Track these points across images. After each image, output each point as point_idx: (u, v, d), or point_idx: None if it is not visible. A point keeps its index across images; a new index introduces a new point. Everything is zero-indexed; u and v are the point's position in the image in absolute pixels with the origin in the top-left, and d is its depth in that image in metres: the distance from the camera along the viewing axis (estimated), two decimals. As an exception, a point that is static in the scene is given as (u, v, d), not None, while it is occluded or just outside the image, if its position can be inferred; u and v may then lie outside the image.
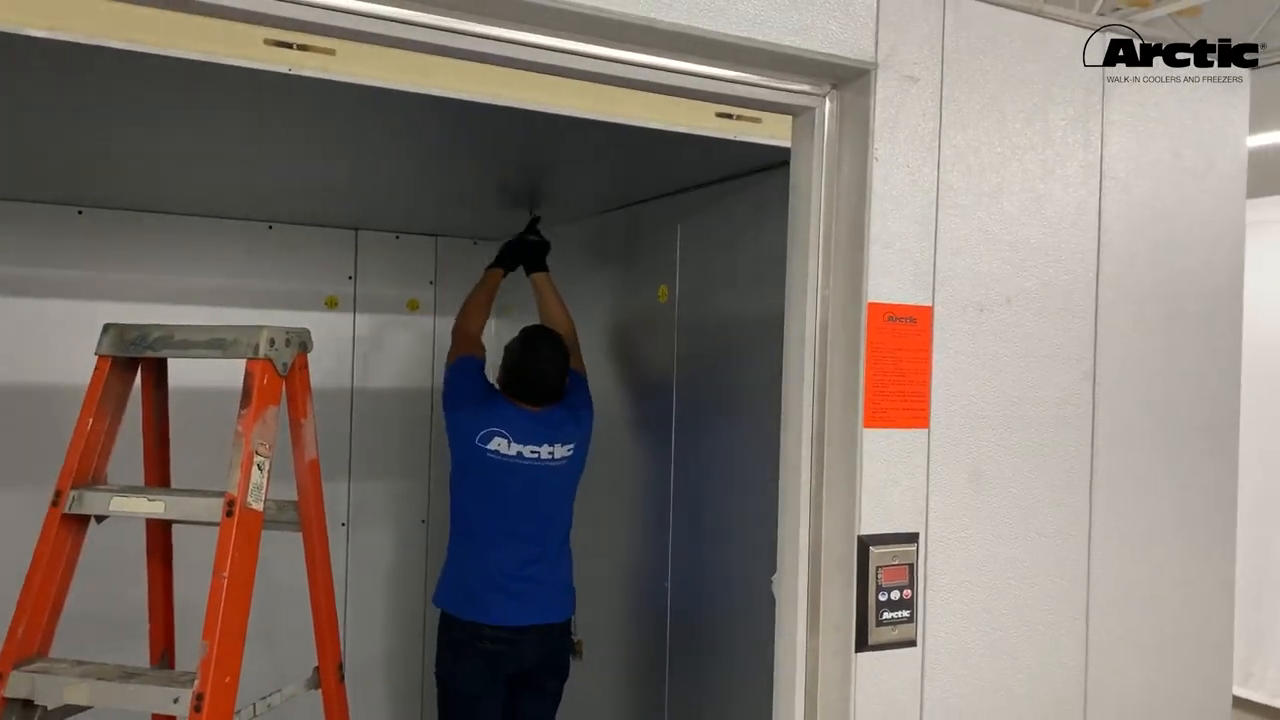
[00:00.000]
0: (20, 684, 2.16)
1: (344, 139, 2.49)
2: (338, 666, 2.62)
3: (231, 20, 1.52)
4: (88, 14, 1.67)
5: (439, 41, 1.53)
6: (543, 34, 1.57)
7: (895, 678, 1.75)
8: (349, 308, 4.05)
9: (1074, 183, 1.92)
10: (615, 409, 3.31)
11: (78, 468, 2.28)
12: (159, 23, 1.68)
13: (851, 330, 1.76)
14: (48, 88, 2.04)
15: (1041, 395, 1.89)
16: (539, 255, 3.36)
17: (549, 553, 2.96)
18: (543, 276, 3.34)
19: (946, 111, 1.79)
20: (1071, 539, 1.93)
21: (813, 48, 1.69)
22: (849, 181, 1.78)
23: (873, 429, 1.73)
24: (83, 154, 2.77)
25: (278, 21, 1.47)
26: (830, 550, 1.78)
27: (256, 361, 2.29)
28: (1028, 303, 1.87)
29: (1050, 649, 1.91)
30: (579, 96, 2.05)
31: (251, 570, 2.22)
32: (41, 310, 3.46)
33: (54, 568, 2.25)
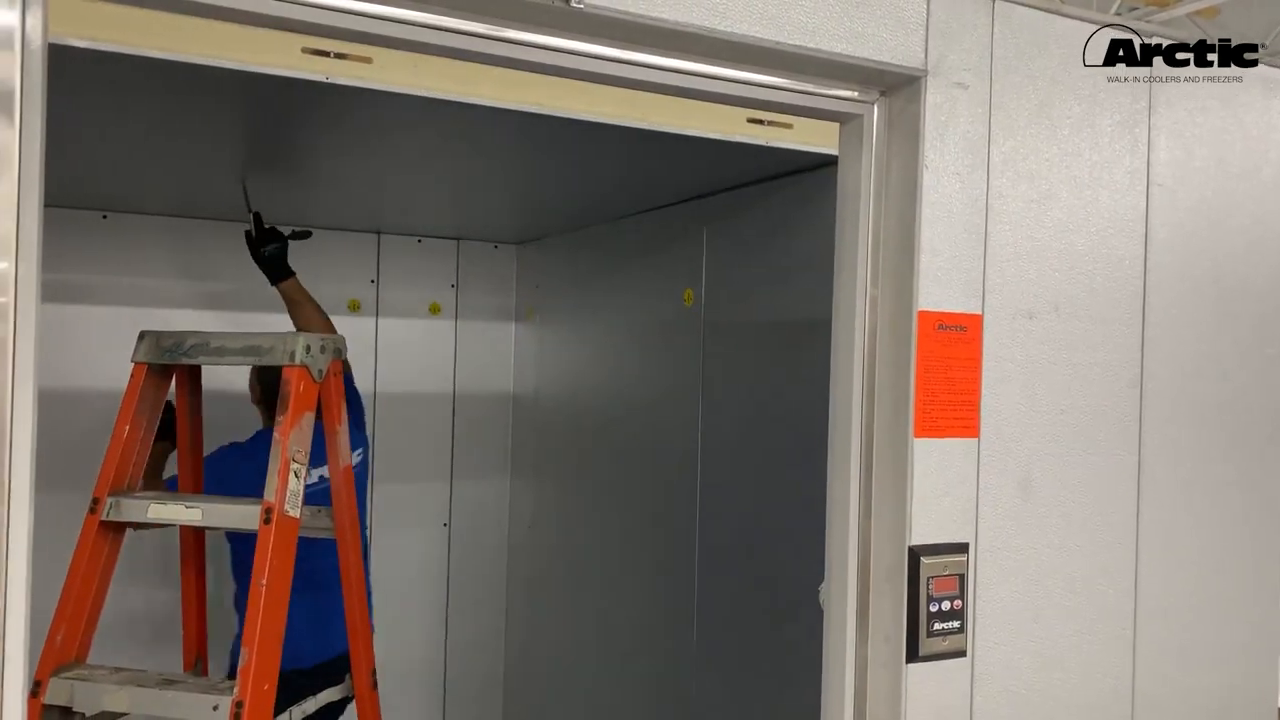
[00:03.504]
0: (59, 691, 2.15)
1: (373, 146, 2.48)
2: (371, 672, 2.61)
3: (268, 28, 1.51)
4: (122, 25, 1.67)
5: (471, 48, 1.51)
6: (596, 43, 1.56)
7: (946, 689, 1.74)
8: (371, 312, 4.05)
9: (1121, 188, 1.91)
10: (640, 412, 3.30)
11: (114, 475, 2.28)
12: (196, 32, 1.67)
13: (901, 339, 1.75)
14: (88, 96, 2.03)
15: (1089, 403, 1.88)
16: (282, 259, 2.90)
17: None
18: (290, 285, 2.91)
19: (995, 118, 1.78)
20: (1119, 548, 1.92)
21: (864, 55, 1.68)
22: (898, 189, 1.77)
23: (924, 438, 1.72)
24: (111, 160, 2.77)
25: (315, 29, 1.46)
26: (880, 560, 1.77)
27: (293, 368, 2.29)
28: (1075, 310, 1.86)
29: (1098, 658, 1.90)
30: (614, 104, 2.05)
31: (289, 577, 2.22)
32: (71, 315, 3.47)
33: (91, 575, 2.25)
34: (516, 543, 4.24)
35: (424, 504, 4.15)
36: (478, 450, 4.23)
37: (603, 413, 3.55)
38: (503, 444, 4.28)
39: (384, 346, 4.06)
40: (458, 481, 4.21)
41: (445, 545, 4.20)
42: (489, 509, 4.26)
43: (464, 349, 4.21)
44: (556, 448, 3.91)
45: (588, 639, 3.58)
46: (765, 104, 1.75)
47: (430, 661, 4.17)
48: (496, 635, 4.29)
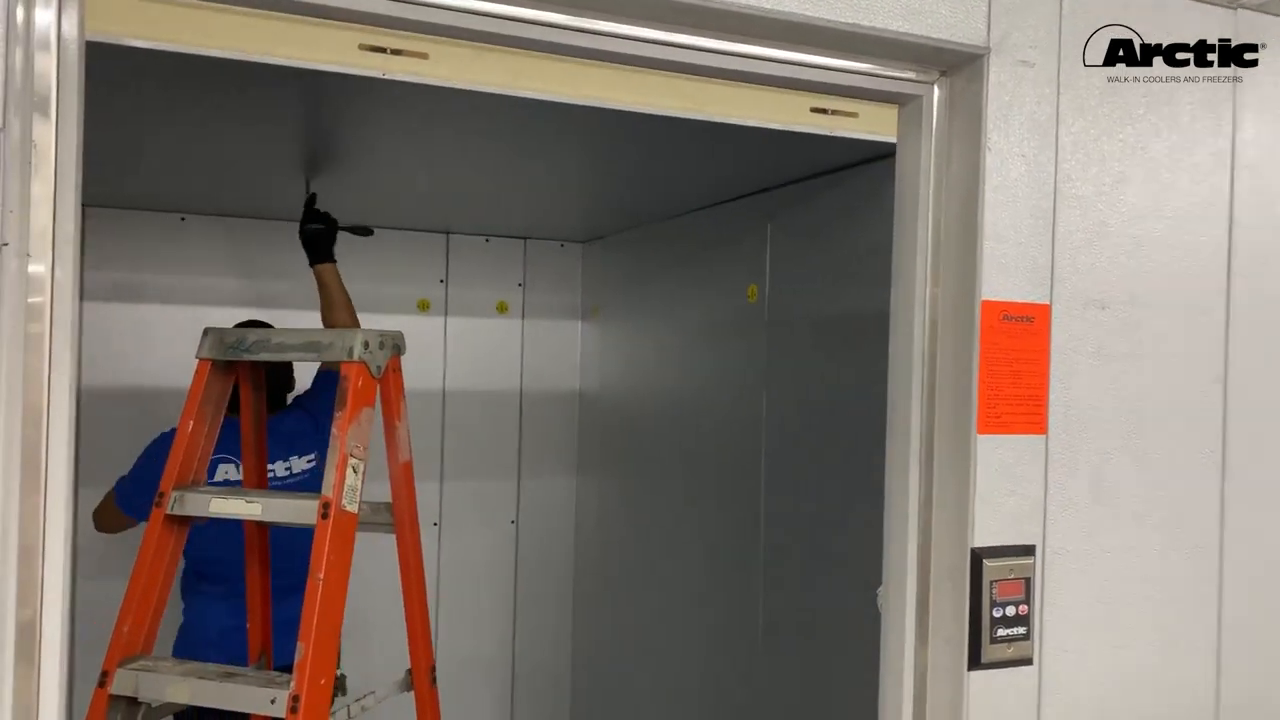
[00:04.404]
0: (125, 681, 2.19)
1: (430, 143, 2.49)
2: (430, 669, 2.61)
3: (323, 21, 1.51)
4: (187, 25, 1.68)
5: (530, 35, 1.50)
6: (640, 25, 1.52)
7: (1010, 698, 1.65)
8: (440, 311, 4.07)
9: (1203, 171, 1.80)
10: (704, 409, 3.25)
11: (179, 469, 2.32)
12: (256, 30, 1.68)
13: (964, 331, 1.67)
14: (156, 97, 2.07)
15: (1168, 398, 1.77)
16: (324, 243, 2.90)
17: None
18: (326, 269, 2.89)
19: (1064, 97, 1.69)
20: (1202, 553, 1.80)
21: (922, 33, 1.60)
22: (960, 173, 1.69)
23: (987, 435, 1.64)
24: (182, 162, 2.83)
25: (372, 19, 1.45)
26: (940, 562, 1.69)
27: (352, 364, 2.30)
28: (1153, 300, 1.76)
29: (1180, 670, 1.79)
30: (673, 96, 2.01)
31: (346, 572, 2.22)
32: (146, 314, 3.56)
33: (157, 568, 2.29)
34: (583, 539, 4.23)
35: (492, 501, 4.17)
36: (545, 448, 4.24)
37: (667, 410, 3.51)
38: (569, 442, 4.27)
39: (452, 345, 4.09)
40: (525, 479, 4.21)
41: (513, 542, 4.22)
42: (556, 506, 4.25)
43: (530, 347, 4.22)
44: (622, 445, 3.88)
45: (653, 636, 3.54)
46: (818, 86, 1.69)
47: (498, 657, 4.19)
48: (564, 632, 4.28)
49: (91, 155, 2.83)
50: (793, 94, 1.92)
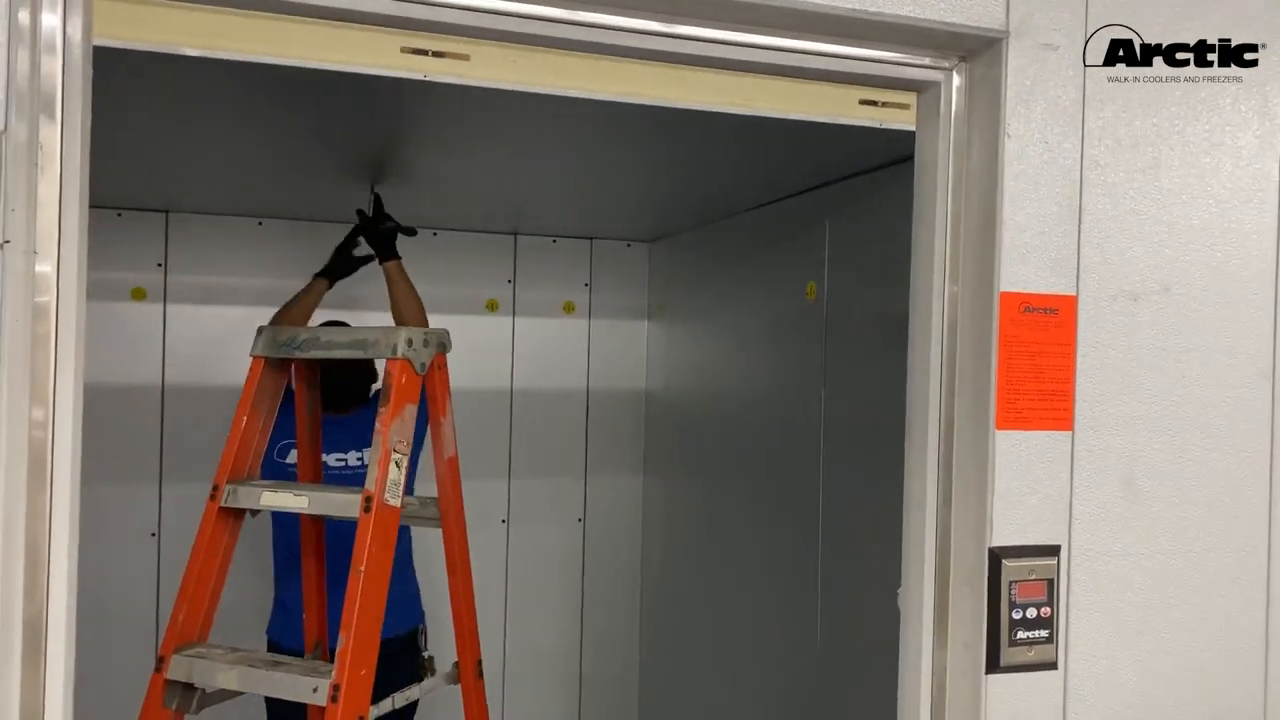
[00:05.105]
0: (180, 667, 2.29)
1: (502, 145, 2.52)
2: (477, 663, 2.65)
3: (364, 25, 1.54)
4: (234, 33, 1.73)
5: (567, 35, 1.53)
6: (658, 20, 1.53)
7: (1032, 703, 1.59)
8: (508, 311, 4.13)
9: (1247, 155, 1.70)
10: (764, 408, 3.22)
11: (233, 463, 2.41)
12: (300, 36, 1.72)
13: (982, 323, 1.61)
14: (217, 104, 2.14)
15: (1208, 394, 1.68)
16: (391, 240, 2.98)
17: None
18: (395, 265, 2.96)
19: (1090, 80, 1.62)
20: (1246, 556, 1.71)
21: (937, 18, 1.56)
22: (980, 161, 1.64)
23: (1006, 430, 1.58)
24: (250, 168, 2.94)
25: (413, 24, 1.49)
26: (959, 562, 1.64)
27: (395, 361, 2.35)
28: (1190, 290, 1.67)
29: (1219, 678, 1.70)
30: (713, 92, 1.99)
31: (388, 565, 2.27)
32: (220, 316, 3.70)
33: (212, 558, 2.38)
34: (650, 537, 4.23)
35: (559, 499, 4.21)
36: (611, 447, 4.25)
37: (728, 409, 3.49)
38: (636, 440, 4.28)
39: (520, 345, 4.14)
40: (592, 478, 4.24)
41: (580, 540, 4.24)
42: (622, 505, 4.27)
43: (597, 347, 4.24)
44: (686, 444, 3.87)
45: (717, 637, 3.52)
46: (834, 75, 1.66)
47: (566, 654, 4.22)
48: (631, 629, 4.29)
49: (178, 166, 2.97)
50: (841, 87, 1.88)
